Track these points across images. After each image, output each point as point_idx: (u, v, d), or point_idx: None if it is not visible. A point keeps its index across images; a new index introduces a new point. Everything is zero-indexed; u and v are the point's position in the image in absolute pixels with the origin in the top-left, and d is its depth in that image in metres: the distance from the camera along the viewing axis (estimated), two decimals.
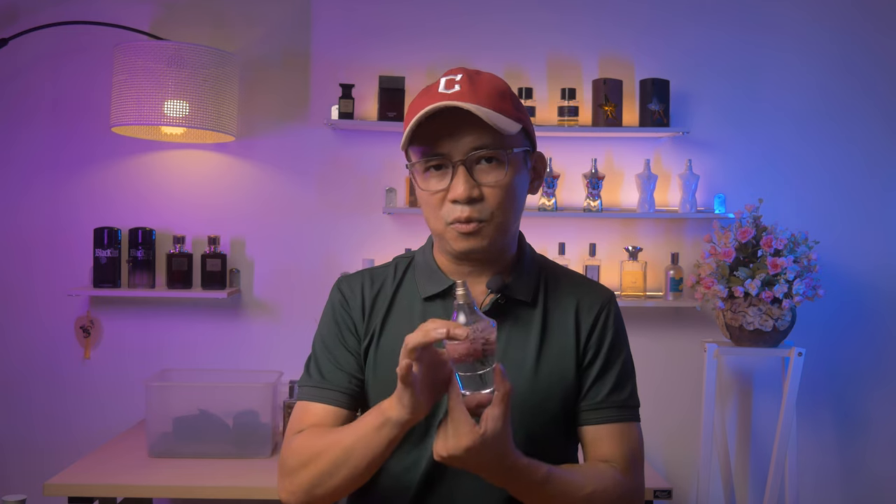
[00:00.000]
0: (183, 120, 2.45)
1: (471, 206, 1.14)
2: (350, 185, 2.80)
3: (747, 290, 2.50)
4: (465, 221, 1.14)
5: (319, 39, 2.80)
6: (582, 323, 1.24)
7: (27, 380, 2.77)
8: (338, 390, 1.23)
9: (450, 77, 1.16)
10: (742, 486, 2.89)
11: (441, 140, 1.14)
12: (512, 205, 1.17)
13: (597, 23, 2.83)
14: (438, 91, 1.14)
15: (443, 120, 1.12)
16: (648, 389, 2.85)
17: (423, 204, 1.19)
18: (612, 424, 1.21)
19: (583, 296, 1.26)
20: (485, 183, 1.15)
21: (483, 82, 1.16)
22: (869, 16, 2.86)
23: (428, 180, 1.16)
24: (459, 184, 1.13)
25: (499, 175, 1.15)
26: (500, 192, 1.15)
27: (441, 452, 1.01)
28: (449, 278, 1.23)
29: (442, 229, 1.18)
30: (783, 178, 2.86)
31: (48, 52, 2.74)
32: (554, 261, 1.35)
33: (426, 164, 1.16)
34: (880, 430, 2.90)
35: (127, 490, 2.13)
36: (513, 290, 1.22)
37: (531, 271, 1.25)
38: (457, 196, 1.13)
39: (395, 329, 1.24)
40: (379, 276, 1.30)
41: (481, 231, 1.16)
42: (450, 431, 0.99)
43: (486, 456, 1.01)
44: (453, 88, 1.14)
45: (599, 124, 2.71)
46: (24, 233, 2.77)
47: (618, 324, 1.27)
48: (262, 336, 2.79)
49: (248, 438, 2.35)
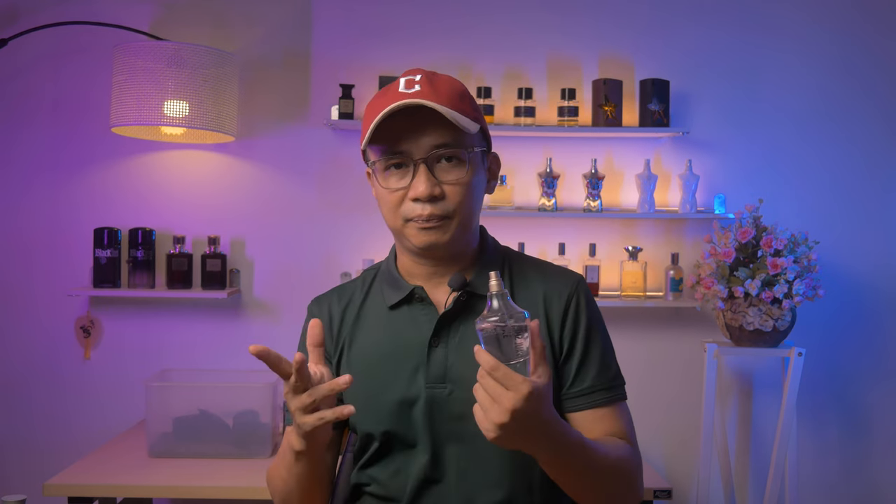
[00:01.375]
0: (183, 120, 2.45)
1: (432, 204, 1.15)
2: (350, 185, 2.80)
3: (747, 290, 2.50)
4: (426, 219, 1.15)
5: (319, 39, 2.80)
6: (552, 311, 1.24)
7: (27, 380, 2.77)
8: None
9: (409, 77, 1.17)
10: (742, 486, 2.89)
11: (402, 139, 1.15)
12: (472, 202, 1.19)
13: (597, 23, 2.83)
14: (399, 91, 1.15)
15: (404, 119, 1.13)
16: (648, 389, 2.86)
17: (382, 202, 1.20)
18: (604, 408, 1.22)
19: (549, 284, 1.25)
20: (445, 181, 1.16)
21: (442, 83, 1.18)
22: (869, 17, 2.86)
23: (388, 178, 1.18)
24: (421, 182, 1.14)
25: (459, 173, 1.17)
26: (461, 190, 1.17)
27: (496, 419, 0.96)
28: (409, 284, 1.24)
29: (401, 226, 1.19)
30: (783, 178, 2.86)
31: (48, 52, 2.75)
32: (519, 252, 1.35)
33: (387, 162, 1.17)
34: (880, 430, 2.90)
35: (127, 490, 2.13)
36: (474, 286, 1.22)
37: (493, 265, 1.25)
38: (418, 194, 1.14)
39: (364, 340, 1.26)
40: (347, 291, 1.32)
41: (442, 226, 1.17)
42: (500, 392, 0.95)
43: (543, 407, 0.98)
44: (413, 88, 1.15)
45: (599, 124, 2.71)
46: (25, 233, 2.77)
47: (590, 307, 1.26)
48: (262, 336, 2.79)
49: (248, 438, 2.35)
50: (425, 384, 1.19)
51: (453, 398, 1.19)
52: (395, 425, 1.20)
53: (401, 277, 1.26)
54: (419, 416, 1.19)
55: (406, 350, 1.22)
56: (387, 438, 1.22)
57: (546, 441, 1.02)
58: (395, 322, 1.24)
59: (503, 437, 0.97)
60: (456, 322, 1.21)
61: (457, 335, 1.21)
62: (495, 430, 0.97)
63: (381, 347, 1.23)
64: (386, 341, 1.23)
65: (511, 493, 1.19)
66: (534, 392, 0.95)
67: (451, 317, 1.21)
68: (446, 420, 1.19)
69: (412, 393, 1.20)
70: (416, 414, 1.19)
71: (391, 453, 1.23)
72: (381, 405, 1.21)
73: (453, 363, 1.19)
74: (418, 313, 1.23)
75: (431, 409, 1.19)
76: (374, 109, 1.16)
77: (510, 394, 0.95)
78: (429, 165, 1.15)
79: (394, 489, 1.22)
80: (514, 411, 0.95)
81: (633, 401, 1.38)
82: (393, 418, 1.20)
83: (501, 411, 0.95)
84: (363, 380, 1.23)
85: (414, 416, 1.20)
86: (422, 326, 1.22)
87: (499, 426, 0.96)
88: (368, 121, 1.16)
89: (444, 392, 1.19)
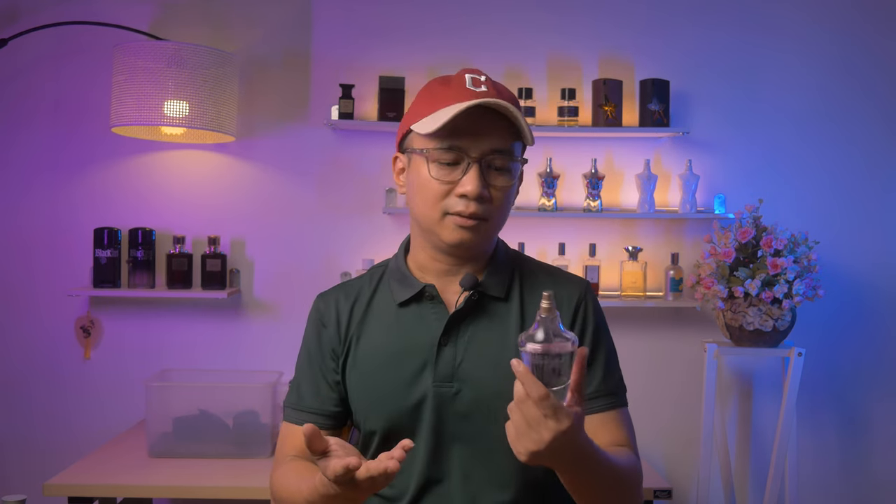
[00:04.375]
0: (183, 120, 2.45)
1: (477, 204, 1.16)
2: (350, 185, 2.80)
3: (747, 290, 2.50)
4: (468, 216, 1.16)
5: (319, 39, 2.80)
6: (560, 315, 1.23)
7: (27, 380, 2.77)
8: (314, 413, 1.27)
9: (473, 76, 1.18)
10: (742, 486, 2.90)
11: (463, 134, 1.15)
12: (507, 209, 1.22)
13: (597, 23, 2.83)
14: (467, 87, 1.16)
15: (470, 116, 1.13)
16: (649, 389, 2.86)
17: (423, 190, 1.19)
18: (607, 413, 1.22)
19: (558, 288, 1.26)
20: (494, 185, 1.18)
21: (504, 89, 1.21)
22: (869, 17, 2.86)
23: (438, 169, 1.17)
24: (474, 180, 1.15)
25: (507, 181, 1.19)
26: (504, 197, 1.19)
27: (532, 446, 0.94)
28: (420, 282, 1.24)
29: (438, 219, 1.18)
30: (783, 179, 2.86)
31: (48, 52, 2.75)
32: (527, 255, 1.36)
33: (443, 154, 1.16)
34: (880, 430, 2.90)
35: (127, 490, 2.13)
36: (486, 286, 1.23)
37: (504, 267, 1.27)
38: (468, 191, 1.15)
39: (372, 336, 1.26)
40: (353, 288, 1.32)
41: (479, 227, 1.18)
42: (539, 421, 0.93)
43: (579, 436, 0.97)
44: (480, 87, 1.17)
45: (599, 124, 2.71)
46: (25, 233, 2.77)
47: (597, 313, 1.27)
48: (262, 336, 2.79)
49: (248, 438, 2.35)
50: (433, 382, 1.19)
51: (460, 397, 1.19)
52: (400, 423, 1.20)
53: (411, 275, 1.26)
54: (426, 414, 1.19)
55: (414, 348, 1.22)
56: (390, 436, 1.22)
57: (573, 462, 1.01)
58: (404, 319, 1.24)
59: (534, 460, 0.96)
60: (465, 321, 1.22)
61: (466, 334, 1.21)
62: (527, 455, 0.95)
63: (390, 345, 1.23)
64: (394, 338, 1.23)
65: (515, 494, 1.19)
66: (574, 425, 0.94)
67: (461, 316, 1.22)
68: (452, 419, 1.19)
69: (420, 391, 1.20)
70: (422, 412, 1.19)
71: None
72: (387, 402, 1.21)
73: (462, 362, 1.20)
74: (428, 311, 1.23)
75: (438, 407, 1.19)
76: (439, 99, 1.17)
77: (551, 423, 0.93)
78: (482, 166, 1.16)
79: (396, 488, 1.22)
80: (551, 441, 0.93)
81: (633, 401, 1.38)
82: (399, 416, 1.20)
83: (538, 440, 0.93)
84: (370, 377, 1.23)
85: (420, 415, 1.20)
86: (431, 325, 1.22)
87: (533, 452, 0.95)
88: (431, 107, 1.16)
89: (451, 391, 1.19)
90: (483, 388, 1.18)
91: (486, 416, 1.18)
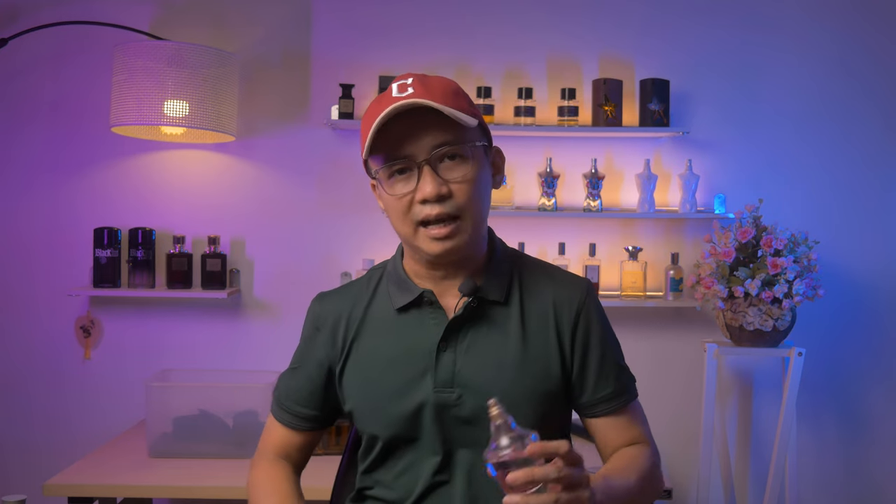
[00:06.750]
0: (183, 120, 2.46)
1: (440, 204, 1.13)
2: (350, 185, 2.80)
3: (747, 290, 2.50)
4: (435, 220, 1.14)
5: (319, 39, 2.80)
6: (562, 319, 1.23)
7: (27, 380, 2.77)
8: (294, 414, 1.30)
9: (401, 82, 1.16)
10: (742, 486, 2.89)
11: (402, 143, 1.13)
12: (480, 198, 1.17)
13: (596, 23, 2.83)
14: (392, 96, 1.14)
15: (401, 123, 1.12)
16: (649, 390, 2.84)
17: (391, 211, 1.19)
18: (618, 414, 1.24)
19: (559, 290, 1.25)
20: (451, 179, 1.14)
21: (435, 82, 1.17)
22: (869, 16, 2.86)
23: (394, 186, 1.16)
24: (427, 183, 1.13)
25: (464, 170, 1.15)
26: (468, 187, 1.15)
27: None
28: (418, 287, 1.23)
29: (412, 234, 1.17)
30: (783, 178, 2.86)
31: (48, 52, 2.75)
32: (527, 254, 1.35)
33: (390, 168, 1.15)
34: (880, 429, 2.90)
35: (127, 490, 2.13)
36: (485, 291, 1.22)
37: (503, 269, 1.25)
38: (426, 195, 1.13)
39: (370, 342, 1.25)
40: (352, 291, 1.31)
41: (458, 231, 1.15)
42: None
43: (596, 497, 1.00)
44: (406, 91, 1.13)
45: (599, 124, 2.71)
46: (25, 233, 2.77)
47: (599, 314, 1.27)
48: (262, 336, 2.79)
49: (248, 438, 2.35)
50: (433, 388, 1.19)
51: (462, 402, 1.18)
52: (402, 428, 1.20)
53: (409, 279, 1.25)
54: (427, 419, 1.19)
55: (414, 353, 1.21)
56: (392, 441, 1.21)
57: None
58: (403, 325, 1.23)
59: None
60: (465, 327, 1.21)
61: (465, 340, 1.21)
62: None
63: (388, 350, 1.23)
64: (393, 344, 1.23)
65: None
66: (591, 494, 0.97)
67: (460, 322, 1.21)
68: (456, 424, 1.19)
69: (420, 397, 1.19)
70: (423, 418, 1.19)
71: (396, 455, 1.23)
72: (387, 408, 1.21)
73: (461, 368, 1.19)
74: (427, 317, 1.22)
75: (440, 412, 1.19)
76: (370, 118, 1.15)
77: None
78: (433, 166, 1.14)
79: (399, 491, 1.22)
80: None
81: None
82: (399, 422, 1.20)
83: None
84: (369, 382, 1.22)
85: (421, 420, 1.19)
86: (430, 330, 1.21)
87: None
88: (366, 130, 1.15)
89: (452, 396, 1.18)
90: (484, 392, 1.18)
91: (488, 420, 1.17)
